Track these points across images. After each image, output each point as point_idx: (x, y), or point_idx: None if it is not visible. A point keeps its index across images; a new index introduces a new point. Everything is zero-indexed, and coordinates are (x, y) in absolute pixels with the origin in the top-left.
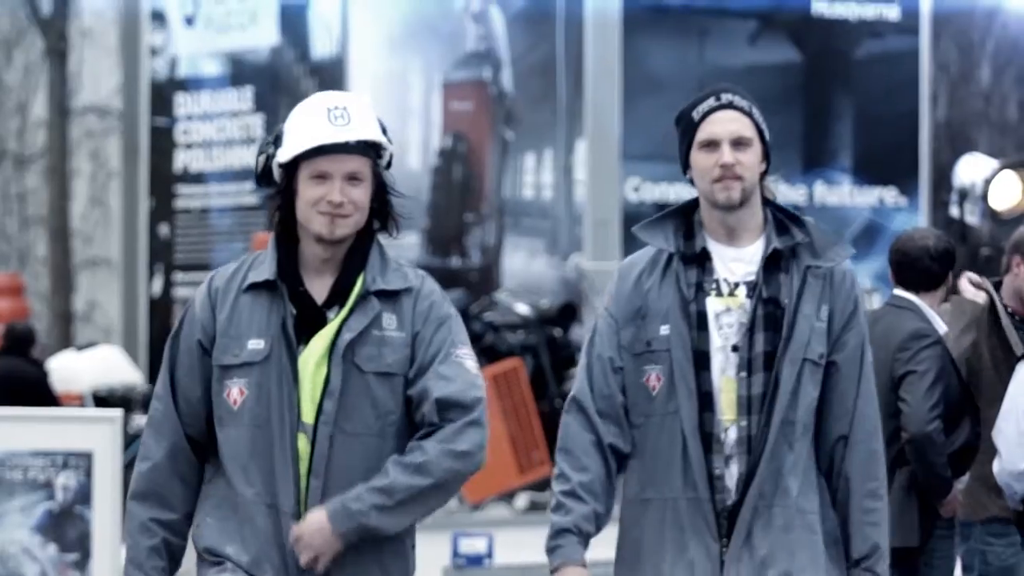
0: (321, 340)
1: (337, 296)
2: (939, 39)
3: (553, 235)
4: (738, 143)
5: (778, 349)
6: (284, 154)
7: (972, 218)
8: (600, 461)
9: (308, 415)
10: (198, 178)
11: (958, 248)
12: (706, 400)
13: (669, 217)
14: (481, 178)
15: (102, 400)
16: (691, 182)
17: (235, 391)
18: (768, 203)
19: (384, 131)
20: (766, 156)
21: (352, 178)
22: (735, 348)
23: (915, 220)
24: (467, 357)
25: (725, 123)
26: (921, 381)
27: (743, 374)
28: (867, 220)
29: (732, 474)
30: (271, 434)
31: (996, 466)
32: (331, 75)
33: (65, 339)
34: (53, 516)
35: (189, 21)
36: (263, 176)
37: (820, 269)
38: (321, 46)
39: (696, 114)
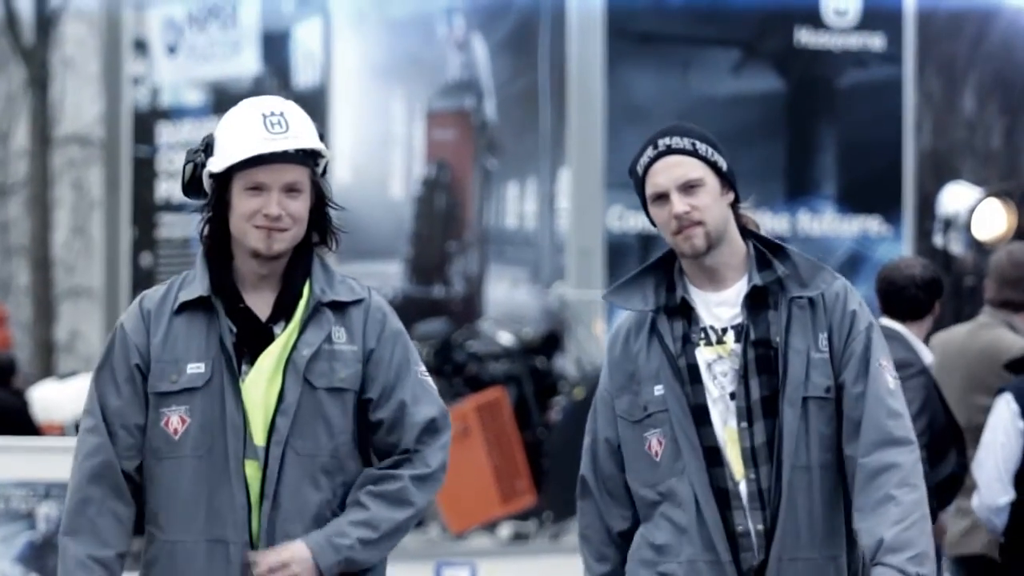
0: (270, 357)
1: (282, 310)
2: (923, 68)
3: (536, 264)
4: (687, 187)
5: (777, 392)
6: (217, 164)
7: (956, 247)
8: (618, 547)
9: (259, 437)
10: (180, 207)
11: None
12: (713, 455)
13: (648, 273)
14: (464, 207)
15: None
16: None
17: (175, 420)
18: (750, 235)
19: (322, 137)
20: (731, 187)
21: (290, 189)
22: (733, 396)
23: (899, 249)
24: (427, 374)
25: (667, 171)
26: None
27: (744, 424)
28: (851, 249)
29: (752, 531)
30: (215, 463)
31: (975, 500)
32: (313, 104)
33: (47, 368)
34: (35, 547)
35: (171, 50)
36: (190, 186)
37: (802, 299)
38: (303, 75)
39: (639, 168)
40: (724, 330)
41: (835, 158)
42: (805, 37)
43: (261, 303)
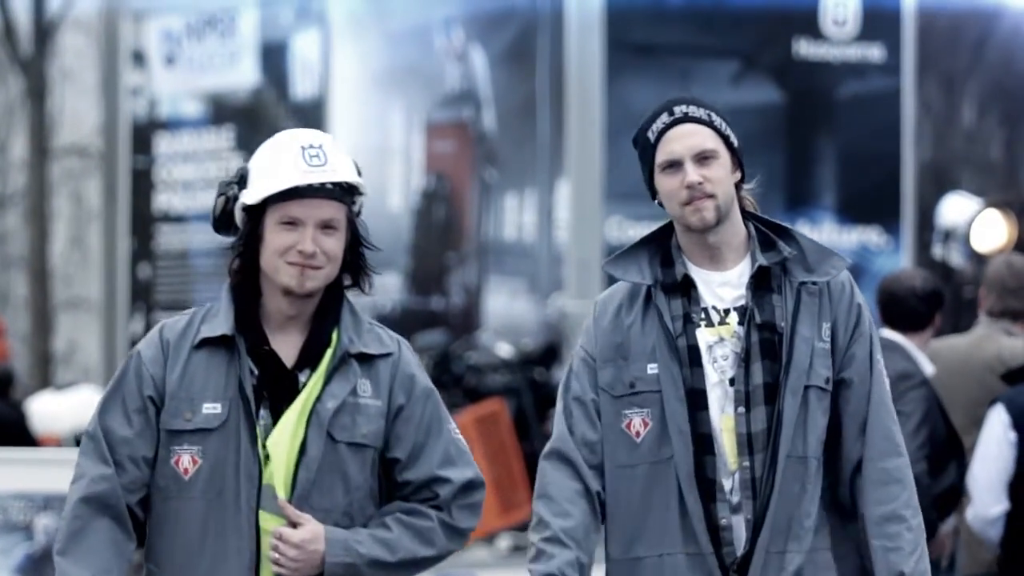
0: (294, 410)
1: (308, 357)
2: (922, 80)
3: (535, 275)
4: (701, 158)
5: (779, 378)
6: (251, 196)
7: (956, 258)
8: (585, 510)
9: (282, 488)
10: (179, 219)
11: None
12: (705, 443)
13: (642, 246)
14: (463, 218)
15: None
16: (661, 206)
17: (186, 459)
18: (751, 217)
19: (359, 173)
20: (739, 165)
21: (326, 226)
22: (732, 382)
23: (898, 260)
24: (458, 433)
25: (683, 139)
26: (907, 423)
27: (741, 410)
28: (850, 260)
29: (739, 523)
30: (225, 508)
31: (970, 513)
32: (312, 115)
33: (44, 380)
34: (33, 559)
35: (169, 61)
36: (222, 220)
37: (815, 285)
38: (302, 86)
39: (651, 134)
40: (727, 311)
41: (834, 169)
42: (804, 48)
43: (286, 346)
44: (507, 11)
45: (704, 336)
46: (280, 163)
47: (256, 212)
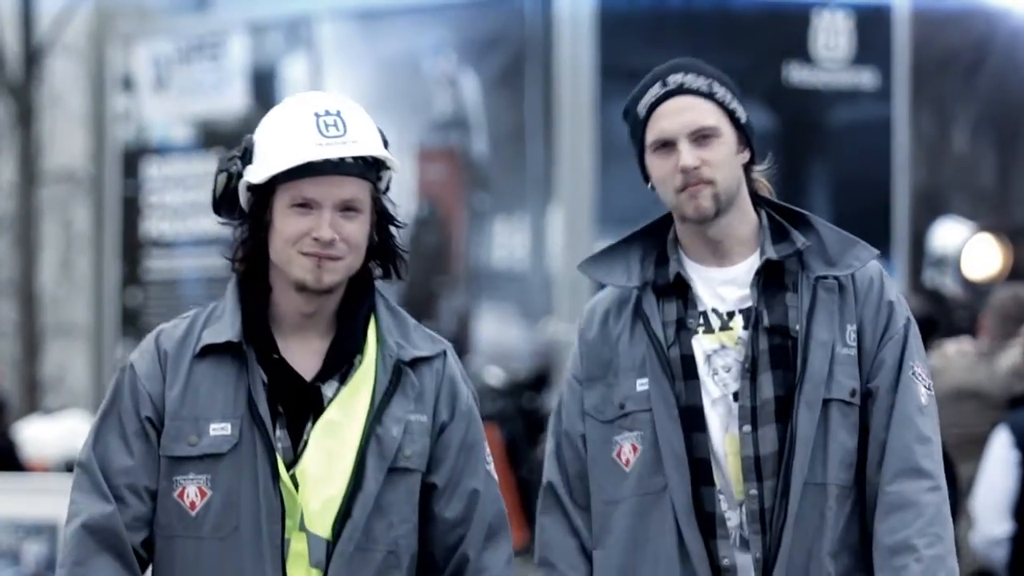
0: (330, 426)
1: (334, 366)
2: (915, 105)
3: (525, 301)
4: (699, 136)
5: (793, 391)
6: (257, 173)
7: (948, 284)
8: (586, 570)
9: (321, 528)
10: (168, 244)
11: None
12: (702, 470)
13: (635, 241)
14: (453, 244)
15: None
16: (656, 192)
17: (192, 490)
18: (763, 203)
19: (386, 144)
20: (748, 143)
21: (347, 208)
22: (736, 396)
23: None
24: (491, 461)
25: (677, 115)
26: None
27: (747, 428)
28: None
29: (747, 563)
30: (243, 548)
31: (975, 536)
32: None
33: (32, 405)
34: None
35: (159, 86)
36: (224, 201)
37: (833, 280)
38: None
39: (642, 108)
40: (730, 314)
41: (827, 195)
42: (796, 73)
43: (304, 353)
44: (498, 36)
45: (701, 344)
46: (290, 134)
47: (263, 193)
